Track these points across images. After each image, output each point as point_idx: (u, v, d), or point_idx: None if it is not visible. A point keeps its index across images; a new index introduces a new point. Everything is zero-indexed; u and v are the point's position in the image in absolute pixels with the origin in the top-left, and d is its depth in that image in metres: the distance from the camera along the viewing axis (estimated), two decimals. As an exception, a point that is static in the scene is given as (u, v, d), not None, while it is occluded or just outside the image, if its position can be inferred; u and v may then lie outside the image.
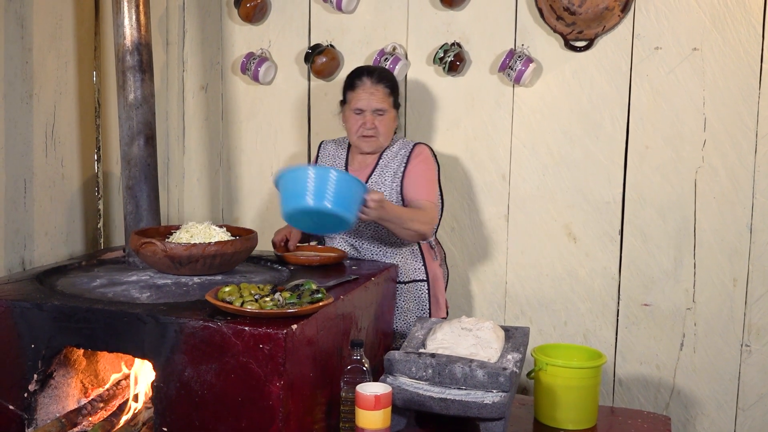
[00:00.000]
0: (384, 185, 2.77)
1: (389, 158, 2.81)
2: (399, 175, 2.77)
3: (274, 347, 1.94)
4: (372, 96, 2.74)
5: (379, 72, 2.79)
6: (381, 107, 2.74)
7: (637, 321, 2.98)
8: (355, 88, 2.77)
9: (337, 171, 2.29)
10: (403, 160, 2.79)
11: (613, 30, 2.89)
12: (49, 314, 2.16)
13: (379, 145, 2.79)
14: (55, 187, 2.98)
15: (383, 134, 2.76)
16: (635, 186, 2.94)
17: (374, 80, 2.75)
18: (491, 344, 2.36)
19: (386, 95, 2.75)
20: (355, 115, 2.77)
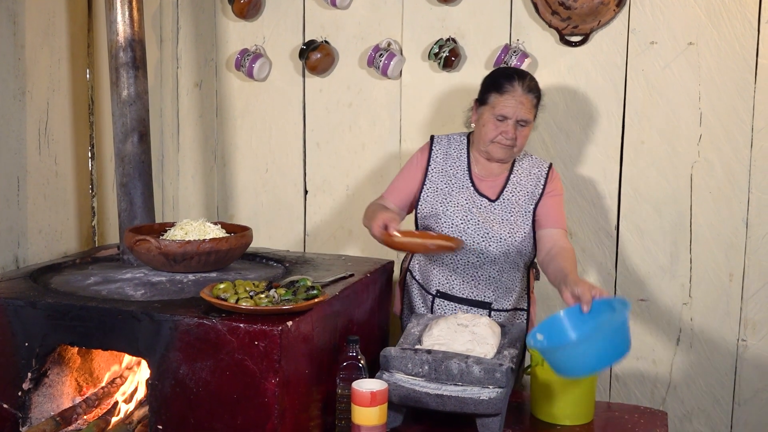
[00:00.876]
0: (517, 204, 2.58)
1: (522, 175, 2.61)
2: (535, 197, 2.58)
3: (269, 344, 1.94)
4: (521, 105, 2.47)
5: (530, 79, 2.53)
6: (527, 118, 2.49)
7: (633, 316, 2.97)
8: (503, 92, 2.48)
9: (619, 320, 2.07)
10: (539, 182, 2.60)
11: (608, 25, 2.88)
12: (43, 312, 2.15)
13: (512, 156, 2.57)
14: (48, 184, 2.97)
15: (520, 146, 2.53)
16: (631, 181, 2.93)
17: (525, 88, 2.49)
18: (487, 340, 2.36)
19: (533, 106, 2.51)
20: (496, 121, 2.49)
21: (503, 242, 2.57)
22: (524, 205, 2.59)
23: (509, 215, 2.58)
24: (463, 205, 2.59)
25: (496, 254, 2.59)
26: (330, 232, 3.34)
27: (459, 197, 2.60)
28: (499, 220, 2.58)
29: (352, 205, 3.29)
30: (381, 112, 3.21)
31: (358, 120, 3.26)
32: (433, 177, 2.63)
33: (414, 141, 3.14)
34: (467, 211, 2.58)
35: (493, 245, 2.57)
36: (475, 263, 2.61)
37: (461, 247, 2.44)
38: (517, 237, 2.57)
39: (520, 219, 2.58)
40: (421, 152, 2.69)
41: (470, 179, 2.62)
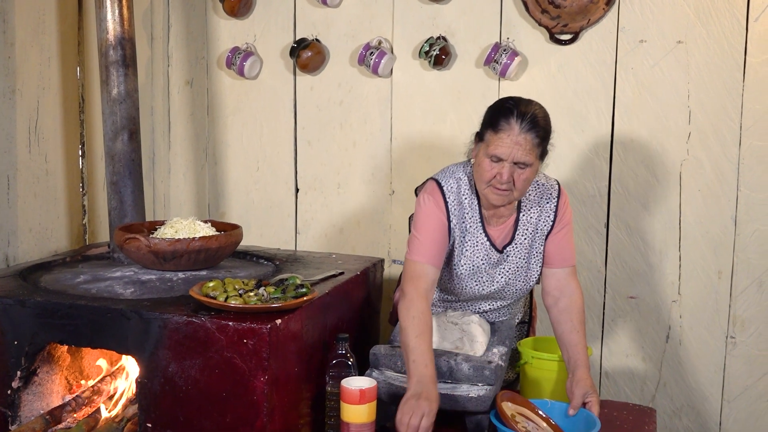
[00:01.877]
0: (530, 248, 2.37)
1: (531, 213, 2.36)
2: (543, 234, 2.37)
3: (258, 342, 1.94)
4: (517, 147, 2.15)
5: (533, 117, 2.17)
6: (525, 161, 2.17)
7: (623, 314, 2.98)
8: (498, 130, 2.17)
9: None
10: (549, 218, 2.36)
11: (597, 23, 2.89)
12: (32, 311, 2.15)
13: (511, 200, 2.26)
14: (39, 183, 2.96)
15: (519, 189, 2.21)
16: (620, 179, 2.94)
17: (524, 127, 2.15)
18: (477, 338, 2.36)
19: (534, 146, 2.17)
20: (490, 162, 2.19)
21: (519, 292, 2.42)
22: (536, 246, 2.38)
23: (524, 261, 2.38)
24: (476, 263, 2.36)
25: (505, 298, 2.46)
26: (321, 230, 3.34)
27: (472, 254, 2.36)
28: (514, 270, 2.38)
29: (343, 203, 3.30)
30: (372, 110, 3.21)
31: (349, 118, 3.26)
32: (455, 233, 2.35)
33: (405, 139, 3.15)
34: (483, 271, 2.37)
35: (508, 293, 2.43)
36: (487, 308, 2.49)
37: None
38: (532, 281, 2.41)
39: (534, 260, 2.38)
40: (438, 208, 2.32)
41: (484, 231, 2.36)
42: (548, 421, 2.14)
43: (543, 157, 2.26)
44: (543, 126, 2.21)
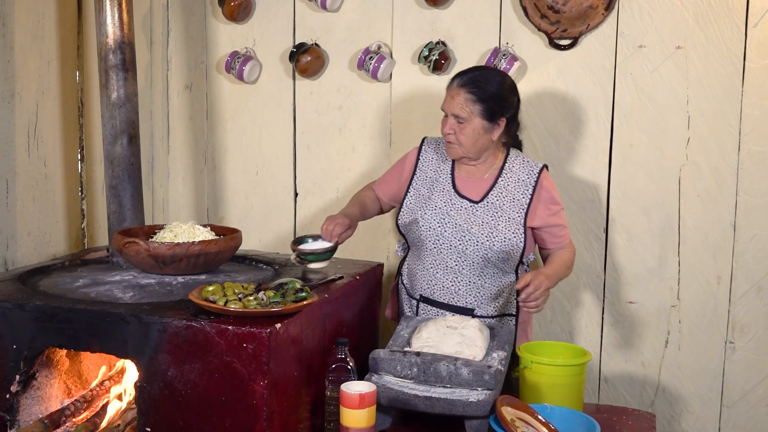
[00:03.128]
0: (501, 209, 2.55)
1: (510, 180, 2.58)
2: (523, 206, 2.55)
3: (257, 346, 1.94)
4: (451, 100, 2.49)
5: (473, 76, 2.51)
6: (458, 114, 2.47)
7: (622, 319, 2.98)
8: (446, 89, 2.56)
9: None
10: (528, 189, 2.57)
11: (597, 28, 2.89)
12: (31, 315, 2.14)
13: (461, 154, 2.54)
14: (38, 187, 2.96)
15: (464, 144, 2.50)
16: (620, 184, 2.94)
17: (459, 83, 2.49)
18: (476, 342, 2.36)
19: (468, 101, 2.46)
20: (444, 117, 2.55)
21: (481, 245, 2.53)
22: (509, 211, 2.55)
23: (491, 219, 2.54)
24: (441, 208, 2.58)
25: (474, 258, 2.55)
26: (318, 233, 3.34)
27: (438, 200, 2.60)
28: (480, 222, 2.54)
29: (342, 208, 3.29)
30: (371, 115, 3.21)
31: (348, 123, 3.26)
32: (417, 184, 2.66)
33: (404, 144, 3.14)
34: (445, 213, 2.57)
35: (470, 248, 2.54)
36: (455, 267, 2.59)
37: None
38: (497, 241, 2.52)
39: (503, 223, 2.53)
40: (411, 156, 2.73)
41: (452, 181, 2.62)
42: (548, 425, 2.14)
43: (492, 119, 2.49)
44: (481, 86, 2.48)
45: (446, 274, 2.60)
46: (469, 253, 2.55)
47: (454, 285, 2.60)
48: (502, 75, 2.60)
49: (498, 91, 2.51)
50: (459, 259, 2.57)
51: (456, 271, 2.59)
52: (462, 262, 2.57)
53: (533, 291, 2.37)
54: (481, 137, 2.51)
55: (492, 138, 2.54)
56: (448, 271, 2.59)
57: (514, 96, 2.57)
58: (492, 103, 2.48)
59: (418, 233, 2.60)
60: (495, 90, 2.50)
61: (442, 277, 2.61)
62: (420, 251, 2.65)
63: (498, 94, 2.50)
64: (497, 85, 2.51)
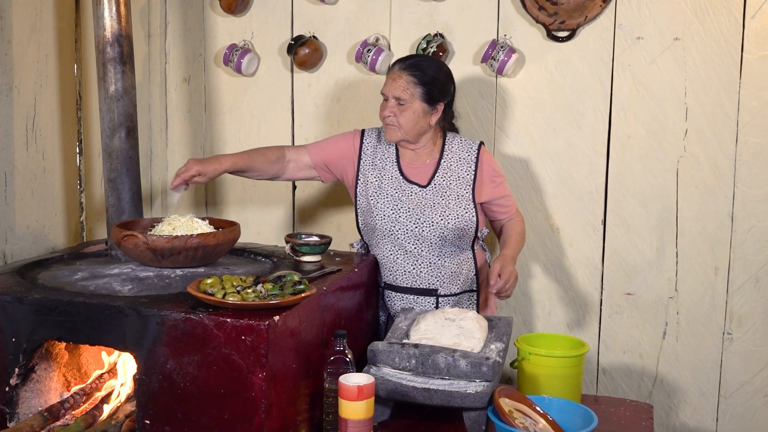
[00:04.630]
0: (449, 189, 2.64)
1: (452, 160, 2.68)
2: (468, 182, 2.65)
3: (256, 338, 1.94)
4: (393, 82, 2.58)
5: (414, 61, 2.62)
6: (400, 96, 2.57)
7: (620, 310, 2.99)
8: (387, 74, 2.68)
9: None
10: (470, 166, 2.66)
11: (595, 20, 2.89)
12: (30, 308, 2.15)
13: (400, 137, 2.62)
14: (36, 180, 2.96)
15: (404, 126, 2.59)
16: (618, 176, 2.95)
17: (401, 67, 2.60)
18: (474, 334, 2.37)
19: (410, 84, 2.56)
20: (383, 101, 2.64)
21: (436, 226, 2.61)
22: (457, 189, 2.64)
23: (441, 199, 2.63)
24: (393, 195, 2.66)
25: (431, 239, 2.63)
26: (319, 227, 3.35)
27: (389, 187, 2.67)
28: (431, 205, 2.63)
29: (341, 201, 3.30)
30: (369, 107, 3.21)
31: (346, 115, 3.26)
32: (365, 171, 2.72)
33: (402, 136, 3.15)
34: (397, 200, 2.65)
35: (426, 230, 2.62)
36: (413, 251, 2.66)
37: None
38: (450, 219, 2.61)
39: (453, 202, 2.62)
40: (353, 139, 2.77)
41: (399, 168, 2.69)
42: (545, 417, 2.15)
43: (431, 103, 2.59)
44: (422, 69, 2.57)
45: (406, 258, 2.68)
46: (426, 235, 2.63)
47: (415, 268, 2.68)
48: (441, 62, 2.72)
49: (438, 76, 2.61)
50: (417, 242, 2.65)
51: (415, 255, 2.66)
52: (420, 244, 2.65)
53: (504, 285, 2.50)
54: (420, 120, 2.60)
55: (430, 122, 2.63)
56: (408, 255, 2.67)
57: (451, 83, 2.67)
58: (432, 86, 2.58)
59: (373, 222, 2.68)
60: (435, 75, 2.60)
61: (402, 262, 2.68)
62: (377, 240, 2.72)
63: (438, 79, 2.60)
64: (437, 70, 2.62)
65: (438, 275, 2.68)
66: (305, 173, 2.82)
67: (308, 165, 2.79)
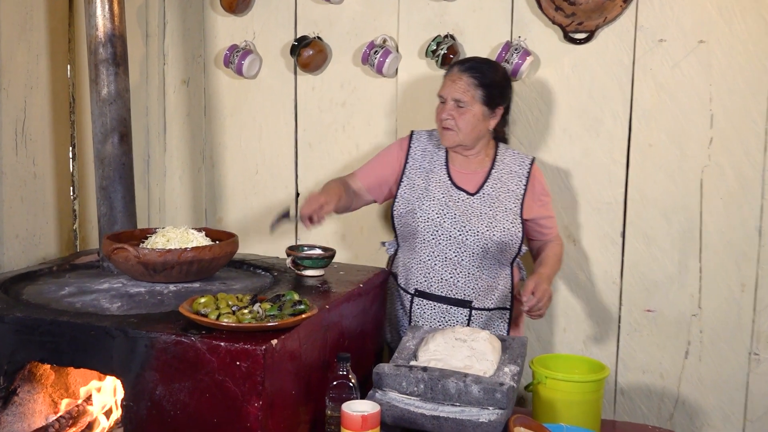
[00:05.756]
0: (497, 200, 2.54)
1: (503, 172, 2.59)
2: (518, 197, 2.56)
3: (251, 364, 1.80)
4: (453, 84, 2.49)
5: (475, 63, 2.54)
6: (460, 98, 2.47)
7: (639, 328, 2.84)
8: (445, 76, 2.57)
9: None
10: (522, 180, 2.58)
11: (614, 21, 2.74)
12: (11, 327, 2.01)
13: (458, 141, 2.52)
14: (26, 186, 2.83)
15: (463, 130, 2.49)
16: (638, 186, 2.79)
17: (462, 69, 2.50)
18: (487, 356, 2.23)
19: (470, 86, 2.47)
20: (439, 104, 2.54)
21: (481, 236, 2.51)
22: (505, 202, 2.55)
23: (488, 209, 2.54)
24: (439, 199, 2.56)
25: (474, 248, 2.53)
26: (322, 237, 3.20)
27: (436, 191, 2.57)
28: (478, 214, 2.53)
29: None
30: (376, 111, 3.07)
31: (351, 120, 3.12)
32: (411, 173, 2.62)
33: (410, 142, 3.00)
34: (443, 204, 2.55)
35: (470, 238, 2.52)
36: (454, 259, 2.55)
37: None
38: (496, 231, 2.52)
39: (500, 214, 2.53)
40: (400, 145, 2.69)
41: (447, 173, 2.59)
42: None
43: (491, 107, 2.50)
44: (483, 71, 2.50)
45: (445, 266, 2.57)
46: (469, 244, 2.53)
47: (453, 277, 2.57)
48: (500, 65, 2.65)
49: (499, 78, 2.54)
50: (458, 251, 2.55)
51: (455, 263, 2.56)
52: (461, 253, 2.55)
53: (536, 303, 2.41)
54: (479, 124, 2.51)
55: (489, 127, 2.55)
56: (447, 262, 2.56)
57: (510, 87, 2.60)
58: (493, 89, 2.50)
59: (414, 225, 2.57)
60: (496, 77, 2.53)
61: (440, 269, 2.57)
62: (415, 244, 2.60)
63: (499, 82, 2.53)
64: (498, 73, 2.55)
65: (475, 287, 2.57)
66: (367, 198, 2.70)
67: (364, 190, 2.67)
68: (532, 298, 2.40)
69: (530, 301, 2.40)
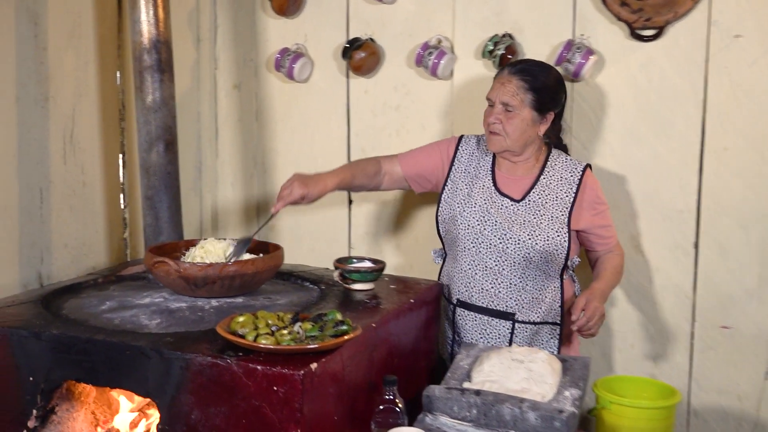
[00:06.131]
0: (544, 207, 2.43)
1: (553, 178, 2.46)
2: (567, 204, 2.43)
3: (289, 390, 1.69)
4: (502, 87, 2.39)
5: (526, 65, 2.43)
6: (508, 101, 2.37)
7: (714, 345, 2.64)
8: (494, 79, 2.47)
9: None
10: (571, 188, 2.44)
11: (686, 16, 2.56)
12: (48, 344, 1.95)
13: (505, 147, 2.41)
14: (75, 195, 2.79)
15: (510, 135, 2.39)
16: (712, 193, 2.60)
17: (511, 71, 2.40)
18: (546, 379, 2.08)
19: (520, 89, 2.37)
20: (487, 108, 2.44)
21: (523, 244, 2.40)
22: (552, 210, 2.43)
23: (533, 217, 2.42)
24: (481, 206, 2.46)
25: (515, 258, 2.42)
26: (376, 245, 3.09)
27: (478, 197, 2.48)
28: (521, 222, 2.42)
29: (401, 217, 3.03)
30: (430, 115, 2.94)
31: (406, 124, 3.00)
32: (455, 178, 2.54)
33: (467, 147, 2.86)
34: (485, 211, 2.45)
35: (511, 247, 2.41)
36: (495, 268, 2.45)
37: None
38: (539, 240, 2.39)
39: (545, 223, 2.41)
40: (448, 145, 2.61)
41: (492, 178, 2.50)
42: None
43: (541, 112, 2.39)
44: (534, 74, 2.38)
45: (485, 275, 2.47)
46: (510, 253, 2.42)
47: (494, 287, 2.46)
48: (553, 68, 2.50)
49: (550, 82, 2.42)
50: (499, 260, 2.44)
51: (496, 272, 2.45)
52: (502, 262, 2.44)
53: (586, 322, 2.30)
54: (528, 129, 2.41)
55: (538, 132, 2.44)
56: (488, 272, 2.46)
57: (563, 91, 2.48)
58: (544, 93, 2.39)
59: (456, 232, 2.49)
60: (548, 81, 2.41)
61: (481, 278, 2.47)
62: (457, 252, 2.52)
63: (550, 86, 2.42)
64: (550, 76, 2.43)
65: (518, 298, 2.45)
66: (399, 184, 2.64)
67: (401, 177, 2.60)
68: (582, 317, 2.29)
69: (580, 320, 2.29)
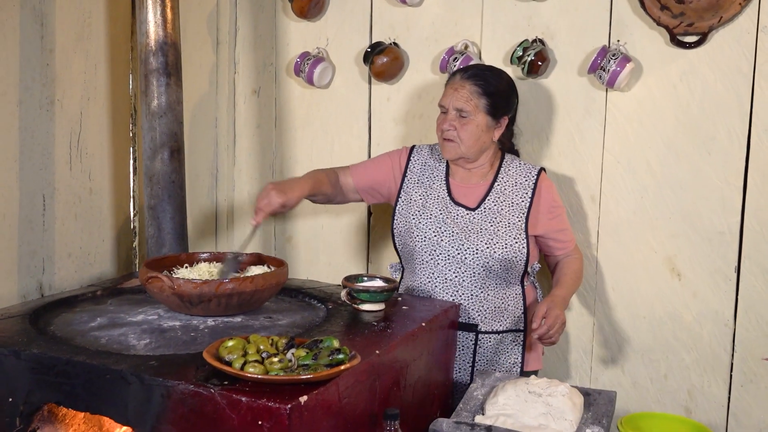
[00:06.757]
0: (500, 214, 2.37)
1: (507, 184, 2.41)
2: (523, 210, 2.38)
3: (275, 425, 1.54)
4: (455, 93, 2.33)
5: (478, 69, 2.37)
6: (462, 107, 2.31)
7: (756, 378, 2.42)
8: (446, 84, 2.41)
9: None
10: (527, 193, 2.39)
11: (731, 21, 2.35)
12: (27, 364, 1.82)
13: (460, 154, 2.36)
14: (81, 203, 2.68)
15: (465, 141, 2.34)
16: (757, 213, 2.39)
17: (464, 76, 2.35)
18: (566, 415, 1.90)
19: (473, 94, 2.31)
20: (440, 114, 2.39)
21: (481, 253, 2.34)
22: (508, 216, 2.38)
23: (489, 225, 2.37)
24: (436, 216, 2.41)
25: (475, 268, 2.36)
26: (394, 258, 2.92)
27: (433, 208, 2.43)
28: (478, 230, 2.37)
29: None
30: (455, 124, 2.77)
31: (429, 133, 2.83)
32: (409, 189, 2.49)
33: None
34: (441, 222, 2.40)
35: (470, 257, 2.36)
36: (454, 280, 2.38)
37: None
38: (498, 248, 2.34)
39: (503, 230, 2.36)
40: (399, 156, 2.55)
41: (447, 188, 2.45)
42: None
43: (495, 116, 2.35)
44: (487, 78, 2.33)
45: (445, 287, 2.41)
46: (469, 263, 2.37)
47: (455, 299, 2.40)
48: (503, 72, 2.44)
49: (503, 87, 2.38)
50: (458, 271, 2.38)
51: (456, 284, 2.39)
52: (462, 273, 2.38)
53: (547, 331, 2.23)
54: (483, 135, 2.36)
55: (493, 138, 2.40)
56: (448, 284, 2.40)
57: (515, 95, 2.44)
58: (497, 98, 2.35)
59: (412, 244, 2.43)
60: (500, 85, 2.37)
61: (441, 291, 2.41)
62: (415, 265, 2.46)
63: (503, 90, 2.38)
64: (502, 80, 2.39)
65: (480, 309, 2.39)
66: (353, 196, 2.57)
67: (353, 188, 2.54)
68: (543, 326, 2.22)
69: (541, 328, 2.22)
